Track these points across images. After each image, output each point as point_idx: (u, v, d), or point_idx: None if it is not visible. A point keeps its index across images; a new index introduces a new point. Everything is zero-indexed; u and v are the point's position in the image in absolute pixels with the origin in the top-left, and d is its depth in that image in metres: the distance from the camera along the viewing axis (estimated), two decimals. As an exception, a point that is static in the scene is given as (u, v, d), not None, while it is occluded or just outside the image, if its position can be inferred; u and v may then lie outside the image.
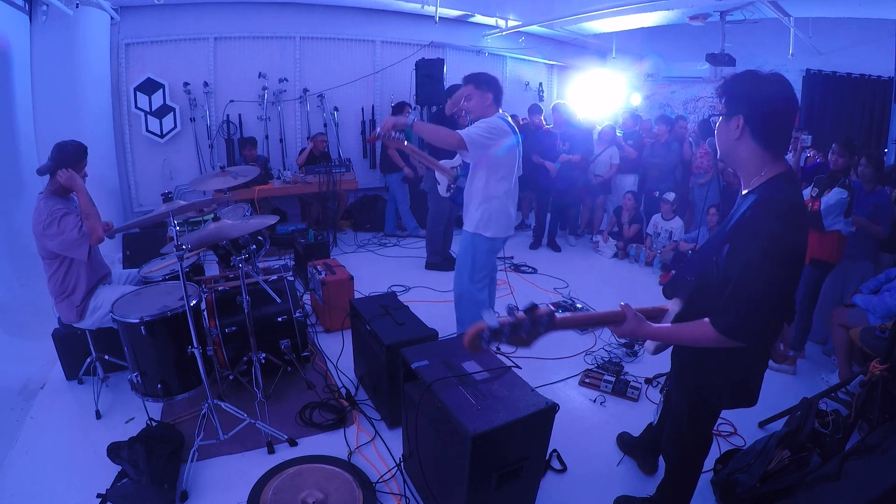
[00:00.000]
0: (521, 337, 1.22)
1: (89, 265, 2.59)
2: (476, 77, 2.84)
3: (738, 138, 1.35)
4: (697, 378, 1.60)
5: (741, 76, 1.35)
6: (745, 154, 1.37)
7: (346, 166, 5.82)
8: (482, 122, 2.73)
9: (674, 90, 7.71)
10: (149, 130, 5.61)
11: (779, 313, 1.34)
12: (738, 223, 1.35)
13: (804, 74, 6.19)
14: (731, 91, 1.35)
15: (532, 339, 1.24)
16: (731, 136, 1.37)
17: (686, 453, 1.82)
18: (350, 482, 2.15)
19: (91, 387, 2.77)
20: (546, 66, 8.31)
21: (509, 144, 2.78)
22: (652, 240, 5.29)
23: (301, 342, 2.92)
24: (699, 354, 1.53)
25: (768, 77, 1.32)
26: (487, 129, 2.69)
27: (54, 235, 2.40)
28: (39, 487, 2.14)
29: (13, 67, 4.03)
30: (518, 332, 1.21)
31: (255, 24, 5.92)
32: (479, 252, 2.98)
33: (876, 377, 2.04)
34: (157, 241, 4.01)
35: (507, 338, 1.20)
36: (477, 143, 2.66)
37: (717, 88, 1.39)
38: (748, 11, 5.00)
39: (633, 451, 2.40)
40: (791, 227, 1.27)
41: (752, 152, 1.36)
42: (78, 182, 2.48)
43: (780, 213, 1.27)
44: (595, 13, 5.66)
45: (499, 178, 2.83)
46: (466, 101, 2.84)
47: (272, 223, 2.72)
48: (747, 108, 1.32)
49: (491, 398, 1.82)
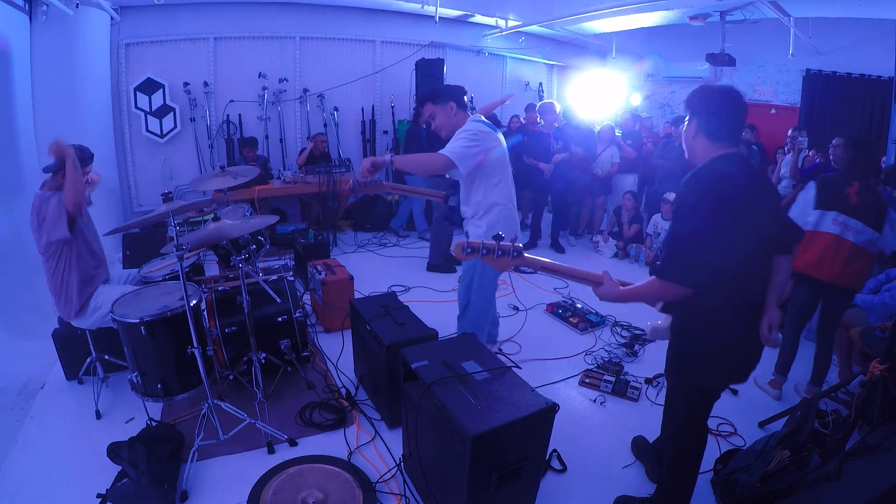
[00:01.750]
0: (494, 257, 1.61)
1: (90, 260, 2.58)
2: (430, 94, 2.76)
3: (693, 136, 1.68)
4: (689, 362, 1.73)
5: (697, 91, 1.71)
6: (699, 148, 1.68)
7: (346, 166, 5.82)
8: (460, 131, 2.61)
9: (674, 90, 7.71)
10: (149, 130, 5.61)
11: (705, 256, 1.51)
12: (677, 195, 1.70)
13: (804, 74, 6.20)
14: (689, 102, 1.71)
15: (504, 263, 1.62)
16: (690, 136, 1.70)
17: (684, 446, 1.84)
18: (350, 482, 2.15)
19: (91, 387, 2.77)
20: (546, 66, 8.31)
21: (496, 145, 2.66)
22: (652, 240, 5.29)
23: (301, 342, 2.92)
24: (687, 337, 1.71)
25: (717, 88, 1.71)
26: (470, 138, 2.55)
27: (41, 223, 2.37)
28: (39, 487, 2.14)
29: (13, 67, 4.02)
30: (491, 253, 1.60)
31: (255, 24, 5.92)
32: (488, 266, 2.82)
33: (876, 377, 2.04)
34: (157, 241, 4.01)
35: (482, 255, 1.60)
36: (465, 156, 2.52)
37: (684, 101, 1.74)
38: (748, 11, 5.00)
39: (644, 456, 2.39)
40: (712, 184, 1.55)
41: (703, 146, 1.67)
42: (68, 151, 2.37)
43: (701, 175, 1.60)
44: (595, 13, 5.66)
45: (495, 183, 2.69)
46: (432, 120, 2.73)
47: (272, 223, 2.72)
48: (700, 114, 1.67)
49: (491, 398, 1.82)
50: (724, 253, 1.50)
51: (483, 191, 2.69)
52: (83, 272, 2.57)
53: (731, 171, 1.57)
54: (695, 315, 1.65)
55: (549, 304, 4.14)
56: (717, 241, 1.50)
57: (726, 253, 1.50)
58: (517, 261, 1.62)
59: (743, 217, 1.53)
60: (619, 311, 3.93)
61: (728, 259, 1.51)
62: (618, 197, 5.94)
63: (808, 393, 2.79)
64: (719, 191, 1.53)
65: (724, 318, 1.62)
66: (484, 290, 2.83)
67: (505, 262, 1.62)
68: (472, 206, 2.75)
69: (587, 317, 3.87)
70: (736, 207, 1.52)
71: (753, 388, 2.97)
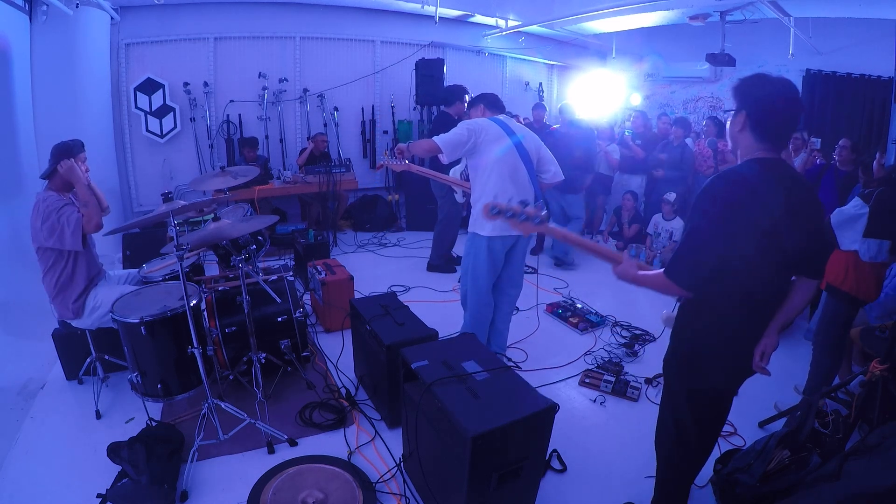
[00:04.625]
0: (518, 221, 1.68)
1: (87, 259, 2.59)
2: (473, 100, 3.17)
3: (740, 130, 1.54)
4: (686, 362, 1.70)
5: (750, 78, 1.53)
6: (744, 144, 1.56)
7: (346, 166, 5.83)
8: (462, 122, 2.88)
9: (674, 90, 7.70)
10: (149, 130, 5.61)
11: (706, 261, 1.46)
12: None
13: (804, 74, 6.19)
14: (739, 90, 1.55)
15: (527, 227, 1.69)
16: (735, 129, 1.56)
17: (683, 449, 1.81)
18: (350, 482, 2.15)
19: (91, 387, 2.77)
20: (546, 66, 8.30)
21: (490, 140, 2.78)
22: (652, 240, 5.29)
23: (301, 342, 2.92)
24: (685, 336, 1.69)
25: (773, 80, 1.50)
26: (461, 128, 2.78)
27: (52, 228, 2.39)
28: (39, 487, 2.14)
29: (13, 67, 4.02)
30: (516, 216, 1.68)
31: (255, 24, 5.92)
32: (480, 252, 2.90)
33: (876, 377, 2.04)
34: (157, 241, 4.01)
35: (507, 217, 1.69)
36: (450, 143, 2.74)
37: (732, 88, 1.58)
38: (748, 11, 4.99)
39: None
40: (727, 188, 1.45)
41: (748, 144, 1.54)
42: (77, 172, 2.46)
43: (721, 177, 1.49)
44: (595, 13, 5.65)
45: (486, 178, 2.81)
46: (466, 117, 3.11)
47: (272, 223, 2.72)
48: (750, 106, 1.51)
49: (491, 398, 1.82)
50: (729, 261, 1.44)
51: (478, 184, 2.89)
52: (81, 277, 2.58)
53: (758, 177, 1.46)
54: (697, 315, 1.63)
55: (549, 304, 4.14)
56: (720, 248, 1.44)
57: (731, 261, 1.45)
58: (540, 227, 1.69)
59: (759, 227, 1.43)
60: (620, 312, 3.93)
61: (733, 267, 1.45)
62: (618, 197, 5.94)
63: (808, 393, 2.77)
64: (736, 197, 1.44)
65: (725, 322, 1.57)
66: (475, 279, 2.97)
67: (527, 226, 1.69)
68: (472, 197, 2.98)
69: (587, 317, 3.87)
70: (751, 216, 1.43)
71: (753, 389, 2.96)
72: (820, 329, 2.77)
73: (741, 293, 1.52)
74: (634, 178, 5.92)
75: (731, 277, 1.48)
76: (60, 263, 2.52)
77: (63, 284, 2.54)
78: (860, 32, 5.56)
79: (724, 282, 1.48)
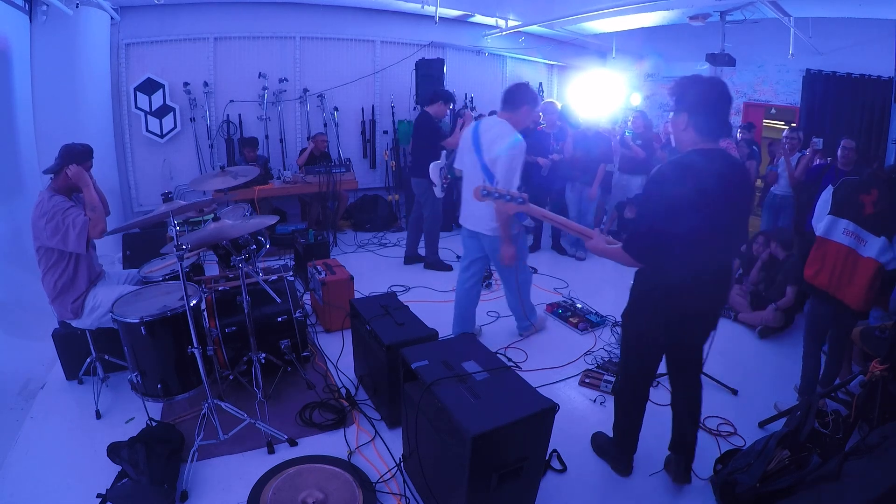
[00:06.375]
0: (504, 202, 1.97)
1: (88, 262, 2.59)
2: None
3: (684, 129, 1.78)
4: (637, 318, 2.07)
5: (685, 80, 1.77)
6: (686, 140, 1.79)
7: (346, 166, 5.83)
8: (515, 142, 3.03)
9: (674, 90, 7.70)
10: (149, 130, 5.61)
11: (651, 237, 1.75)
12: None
13: (804, 74, 6.19)
14: (677, 92, 1.78)
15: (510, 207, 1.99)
16: (680, 128, 1.79)
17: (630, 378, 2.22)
18: (350, 482, 2.15)
19: (91, 387, 2.77)
20: (546, 66, 8.30)
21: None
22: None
23: (301, 342, 2.92)
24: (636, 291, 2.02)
25: (706, 80, 1.76)
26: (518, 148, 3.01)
27: (56, 227, 2.39)
28: (39, 487, 2.14)
29: (13, 67, 4.02)
30: (502, 197, 1.97)
31: (255, 24, 5.92)
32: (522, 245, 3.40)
33: (876, 377, 2.04)
34: (157, 241, 4.01)
35: (494, 198, 1.99)
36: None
37: (669, 90, 1.81)
38: (748, 11, 4.99)
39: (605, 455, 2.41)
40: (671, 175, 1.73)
41: (691, 139, 1.78)
42: (85, 177, 2.49)
43: (667, 165, 1.78)
44: (595, 13, 5.65)
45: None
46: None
47: (272, 223, 2.72)
48: (691, 106, 1.74)
49: (491, 398, 1.82)
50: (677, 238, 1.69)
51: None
52: (82, 280, 2.59)
53: (701, 165, 1.71)
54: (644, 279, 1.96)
55: (549, 304, 4.14)
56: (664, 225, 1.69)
57: (678, 238, 1.69)
58: (522, 207, 1.97)
59: (702, 209, 1.67)
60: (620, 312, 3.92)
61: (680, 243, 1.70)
62: (618, 195, 5.93)
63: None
64: (683, 182, 1.69)
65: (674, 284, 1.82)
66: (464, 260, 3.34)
67: (511, 206, 1.98)
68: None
69: (587, 317, 3.87)
70: (696, 200, 1.66)
71: (753, 388, 2.97)
72: (805, 326, 2.82)
73: (681, 262, 1.76)
74: (635, 179, 5.90)
75: (679, 252, 1.73)
76: (61, 264, 2.52)
77: (64, 286, 2.55)
78: (860, 32, 5.55)
79: (673, 254, 1.73)
